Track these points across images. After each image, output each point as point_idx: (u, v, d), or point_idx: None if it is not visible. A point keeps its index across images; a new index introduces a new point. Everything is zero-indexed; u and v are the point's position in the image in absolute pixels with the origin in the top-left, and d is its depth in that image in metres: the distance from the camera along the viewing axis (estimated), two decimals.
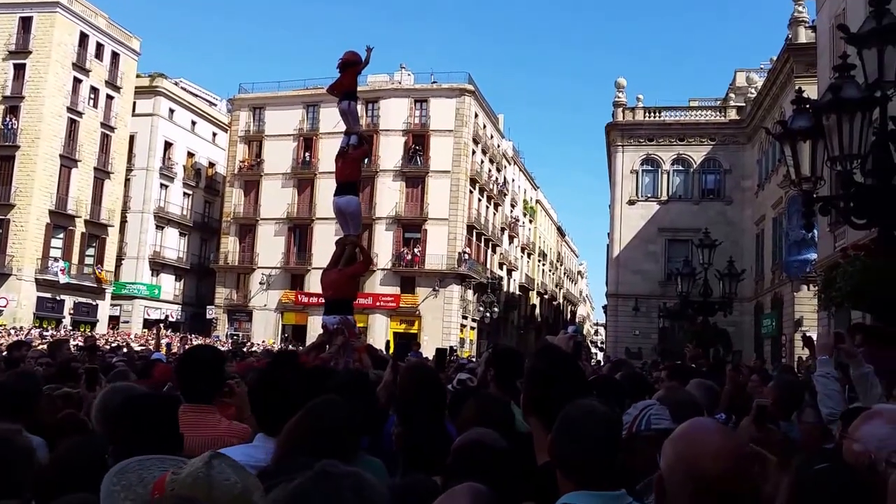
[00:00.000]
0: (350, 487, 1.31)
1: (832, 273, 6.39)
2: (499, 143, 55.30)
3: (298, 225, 47.80)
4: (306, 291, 46.47)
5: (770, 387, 4.59)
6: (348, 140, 10.98)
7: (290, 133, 48.85)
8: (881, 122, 6.74)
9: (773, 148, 28.99)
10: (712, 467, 1.53)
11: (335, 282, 9.97)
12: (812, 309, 24.24)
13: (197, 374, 3.33)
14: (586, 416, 2.07)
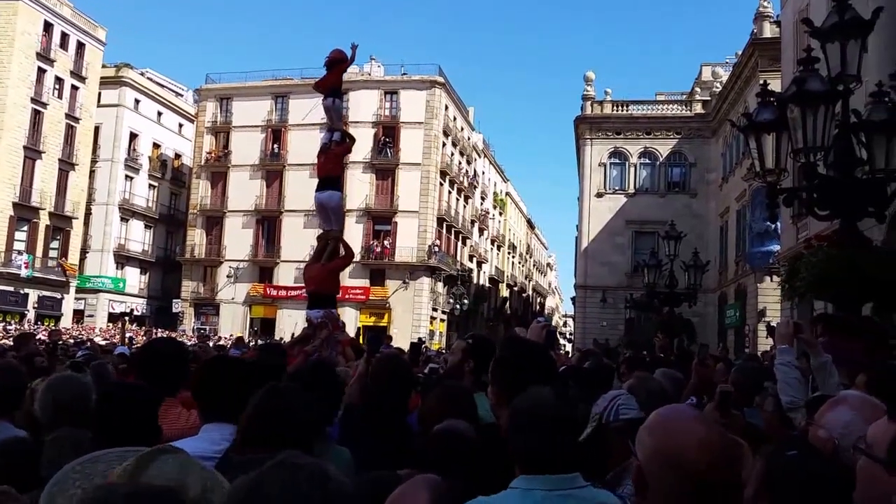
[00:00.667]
0: (309, 479, 1.27)
1: (796, 263, 6.48)
2: (469, 136, 55.29)
3: (267, 217, 47.37)
4: (275, 284, 46.13)
5: (731, 373, 4.65)
6: (331, 136, 11.15)
7: (258, 124, 48.34)
8: (843, 115, 6.83)
9: (736, 142, 29.37)
10: (697, 457, 1.50)
11: (318, 276, 10.09)
12: (775, 299, 24.63)
13: (158, 366, 3.28)
14: (533, 406, 2.09)
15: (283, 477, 1.27)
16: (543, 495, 1.95)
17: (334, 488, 1.28)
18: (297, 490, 1.24)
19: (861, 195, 6.64)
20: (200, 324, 46.51)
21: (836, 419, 2.11)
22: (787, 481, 1.75)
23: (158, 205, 52.13)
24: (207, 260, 48.09)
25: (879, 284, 6.03)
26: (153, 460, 1.45)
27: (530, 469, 2.05)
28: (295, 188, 46.44)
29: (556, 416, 2.09)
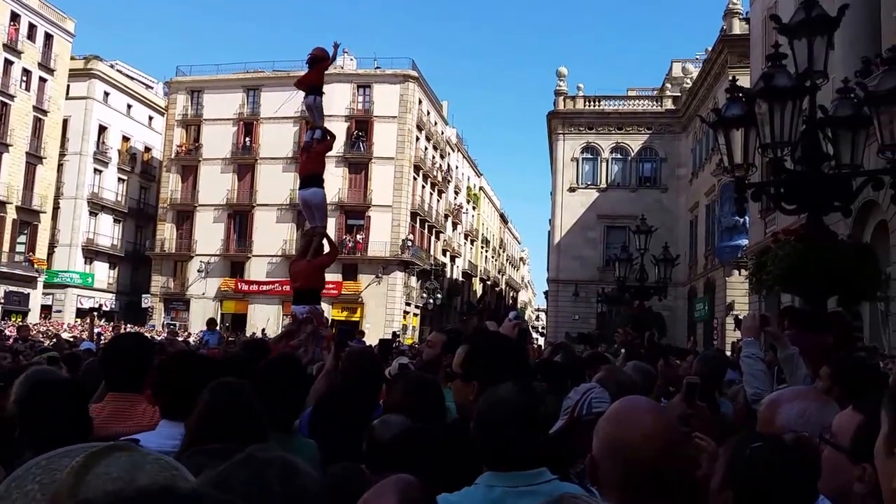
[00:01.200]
0: (276, 473, 1.25)
1: (763, 257, 6.55)
2: (443, 130, 55.22)
3: (238, 211, 46.92)
4: (246, 279, 45.74)
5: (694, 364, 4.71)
6: (312, 134, 11.34)
7: (229, 117, 47.83)
8: (811, 110, 6.92)
9: (706, 137, 29.68)
10: (642, 449, 1.53)
11: (304, 272, 10.27)
12: (743, 293, 24.97)
13: (121, 362, 3.23)
14: (496, 402, 2.10)
15: (250, 471, 1.24)
16: (504, 492, 1.94)
17: (303, 482, 1.26)
18: (264, 485, 1.22)
19: (827, 190, 6.73)
20: (170, 319, 45.99)
21: (790, 412, 2.15)
22: (751, 473, 1.77)
23: (128, 199, 51.38)
24: (178, 254, 47.53)
25: (845, 278, 6.13)
26: (103, 457, 1.41)
27: (495, 465, 2.05)
28: (267, 182, 46.07)
29: (519, 411, 2.09)
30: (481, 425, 2.12)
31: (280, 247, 45.33)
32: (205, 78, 49.39)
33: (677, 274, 28.42)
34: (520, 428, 2.05)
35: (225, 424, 2.33)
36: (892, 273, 11.95)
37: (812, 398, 2.28)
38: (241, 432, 2.24)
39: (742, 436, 1.98)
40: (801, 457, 1.82)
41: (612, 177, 39.60)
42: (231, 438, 2.18)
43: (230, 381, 2.64)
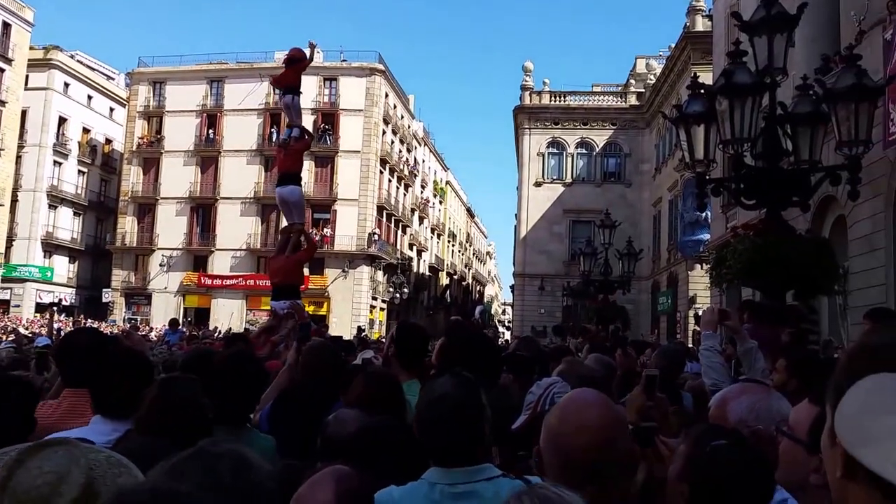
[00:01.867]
0: (228, 466, 1.23)
1: (723, 252, 6.64)
2: (409, 124, 55.05)
3: (201, 204, 46.28)
4: (209, 273, 45.17)
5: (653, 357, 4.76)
6: (290, 132, 11.49)
7: (192, 109, 47.11)
8: (770, 107, 7.02)
9: (669, 133, 30.01)
10: (577, 440, 1.59)
11: (283, 268, 10.50)
12: (705, 287, 25.31)
13: (76, 358, 3.18)
14: (435, 399, 2.10)
15: (202, 465, 1.23)
16: (442, 490, 1.94)
17: (255, 476, 1.25)
18: (216, 478, 1.21)
19: (786, 185, 6.84)
20: (132, 314, 45.25)
21: (739, 407, 2.19)
22: (710, 471, 1.79)
23: (88, 191, 50.38)
24: (139, 248, 46.77)
25: (802, 272, 6.24)
26: (38, 453, 1.37)
27: (438, 462, 2.04)
28: (231, 175, 45.51)
29: (457, 407, 2.07)
30: (421, 421, 2.12)
31: (244, 241, 44.85)
32: (167, 69, 48.58)
33: (641, 268, 28.74)
34: (459, 423, 2.05)
35: (171, 419, 2.33)
36: (851, 267, 12.20)
37: (757, 391, 2.32)
38: (188, 427, 2.24)
39: (703, 430, 2.00)
40: (759, 455, 1.83)
41: (577, 171, 39.86)
42: (177, 433, 2.17)
43: (178, 376, 2.63)
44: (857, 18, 11.98)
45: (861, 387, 0.73)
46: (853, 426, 0.68)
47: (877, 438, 0.64)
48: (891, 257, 11.12)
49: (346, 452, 2.38)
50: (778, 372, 3.54)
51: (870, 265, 11.70)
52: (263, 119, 46.29)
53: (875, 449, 0.64)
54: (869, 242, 11.82)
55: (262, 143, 45.83)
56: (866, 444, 0.65)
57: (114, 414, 2.70)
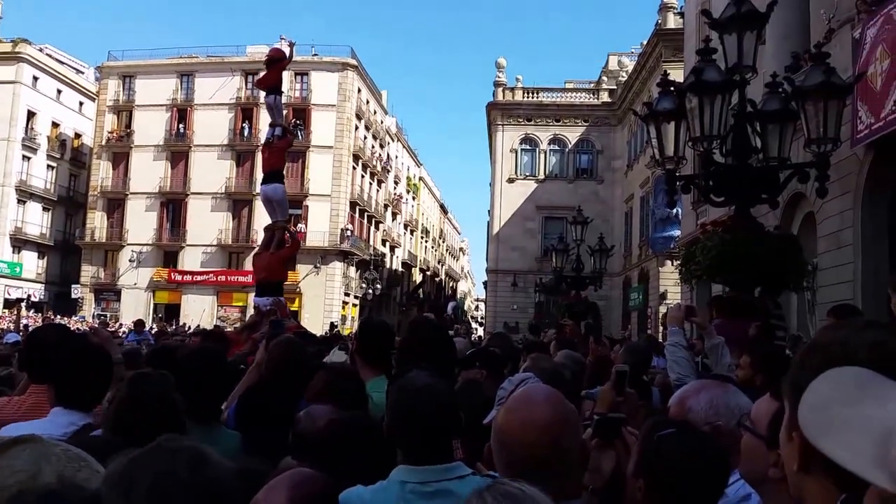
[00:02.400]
0: (186, 462, 1.22)
1: (692, 248, 6.68)
2: (382, 119, 54.85)
3: (172, 200, 45.75)
4: (180, 269, 44.66)
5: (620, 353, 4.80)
6: (273, 132, 11.85)
7: (162, 103, 46.52)
8: (740, 104, 7.07)
9: (641, 130, 30.21)
10: (519, 437, 1.61)
11: (268, 265, 10.75)
12: (676, 283, 25.56)
13: (41, 354, 3.16)
14: (413, 395, 2.08)
15: (159, 460, 1.23)
16: (413, 488, 1.92)
17: (214, 473, 1.24)
18: (172, 473, 1.20)
19: (755, 182, 6.90)
20: (101, 310, 44.63)
21: (698, 404, 2.21)
22: (659, 461, 1.80)
23: (57, 186, 49.50)
24: (109, 244, 46.12)
25: (770, 268, 6.30)
26: (5, 451, 1.36)
27: (408, 459, 2.02)
28: (201, 170, 45.00)
29: (437, 403, 2.06)
30: (396, 417, 2.09)
31: (215, 236, 44.39)
32: (137, 63, 47.93)
33: (612, 264, 28.95)
34: (438, 419, 2.03)
35: (142, 416, 2.32)
36: (819, 264, 12.37)
37: (714, 387, 2.34)
38: (159, 424, 2.21)
39: (652, 422, 2.01)
40: (708, 442, 1.84)
41: (550, 168, 40.03)
42: (149, 430, 2.14)
43: (149, 372, 2.59)
44: (826, 17, 12.13)
45: (822, 380, 0.77)
46: (814, 418, 0.71)
47: (836, 429, 0.68)
48: (858, 254, 11.29)
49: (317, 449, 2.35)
50: (742, 368, 3.58)
51: (837, 262, 11.87)
52: (235, 114, 45.83)
53: (834, 438, 0.68)
54: (837, 239, 11.99)
55: (233, 138, 45.39)
56: (827, 435, 0.69)
57: (73, 406, 2.73)
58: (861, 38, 10.60)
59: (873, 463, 0.64)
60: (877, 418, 0.66)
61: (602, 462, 2.01)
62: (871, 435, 0.65)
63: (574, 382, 3.78)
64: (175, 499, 1.16)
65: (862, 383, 0.71)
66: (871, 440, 0.65)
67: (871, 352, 1.06)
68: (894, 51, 9.74)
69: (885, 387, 0.70)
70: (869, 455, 0.65)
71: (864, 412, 0.68)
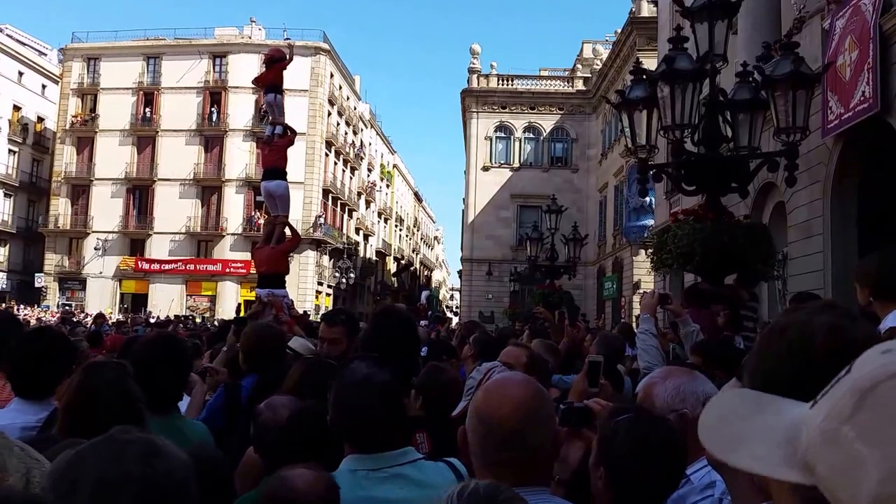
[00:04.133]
0: (137, 454, 1.21)
1: (663, 237, 6.76)
2: (355, 106, 54.53)
3: (138, 186, 45.18)
4: (147, 258, 44.14)
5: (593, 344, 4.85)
6: (273, 129, 12.38)
7: (128, 87, 45.84)
8: (711, 93, 7.15)
9: (615, 119, 30.40)
10: (497, 411, 1.66)
11: (269, 258, 11.33)
12: (648, 272, 25.83)
13: None
14: (358, 385, 2.10)
15: (107, 451, 1.21)
16: (365, 475, 1.94)
17: (162, 465, 1.22)
18: (119, 465, 1.18)
19: (725, 171, 6.99)
20: (66, 299, 44.01)
21: (664, 392, 2.25)
22: (617, 447, 1.84)
23: (19, 172, 48.58)
24: (73, 231, 45.45)
25: (740, 257, 6.39)
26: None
27: (357, 448, 2.04)
28: (169, 155, 44.44)
29: (379, 391, 2.08)
30: (341, 407, 2.10)
31: (183, 224, 43.92)
32: (102, 45, 47.14)
33: (587, 253, 29.17)
34: (384, 407, 2.05)
35: (97, 406, 2.29)
36: (789, 253, 12.57)
37: (681, 374, 2.39)
38: (115, 415, 2.19)
39: (611, 409, 2.05)
40: (664, 427, 1.88)
41: (524, 156, 40.12)
42: (103, 422, 2.13)
43: (104, 361, 2.57)
44: (797, 7, 12.28)
45: (717, 400, 0.80)
46: (716, 436, 0.74)
47: (740, 442, 0.71)
48: (828, 244, 11.48)
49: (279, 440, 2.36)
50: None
51: (807, 251, 12.07)
52: (203, 98, 45.29)
53: (740, 452, 0.71)
54: (807, 228, 12.19)
55: (201, 123, 44.89)
56: (732, 450, 0.71)
57: (34, 397, 2.73)
58: (830, 28, 10.76)
59: (783, 463, 0.67)
60: (776, 425, 0.70)
61: (570, 453, 2.05)
62: (774, 440, 0.69)
63: (543, 370, 3.83)
64: (123, 494, 1.13)
65: (756, 401, 0.76)
66: (775, 444, 0.68)
67: (828, 335, 1.10)
68: (862, 41, 9.91)
69: (779, 402, 0.74)
70: (776, 457, 0.68)
71: (764, 423, 0.71)
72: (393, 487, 1.96)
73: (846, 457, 0.62)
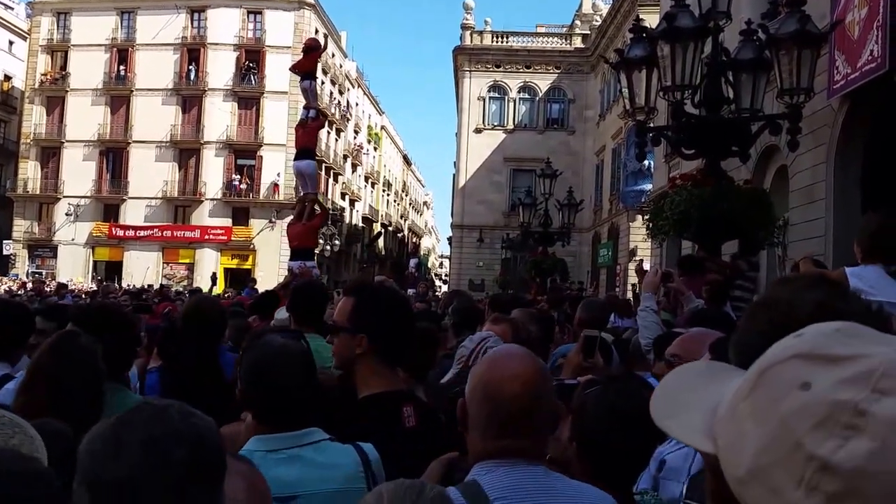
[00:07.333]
0: (177, 413, 1.25)
1: (660, 202, 6.80)
2: (341, 64, 54.01)
3: (112, 148, 44.76)
4: (122, 224, 43.88)
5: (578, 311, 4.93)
6: (307, 113, 13.86)
7: (101, 43, 45.17)
8: (713, 52, 7.14)
9: (614, 78, 30.23)
10: (508, 387, 1.68)
11: (300, 233, 12.79)
12: (644, 238, 25.93)
13: None
14: (261, 358, 2.11)
15: (148, 416, 1.24)
16: (262, 456, 1.93)
17: (202, 423, 1.25)
18: (164, 423, 1.22)
19: (726, 134, 7.01)
20: (36, 267, 43.77)
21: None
22: (587, 417, 1.89)
23: None
24: (43, 196, 45.09)
25: (738, 223, 6.45)
26: None
27: (263, 423, 2.06)
28: (144, 116, 43.98)
29: (282, 367, 2.09)
30: (245, 381, 2.10)
31: (160, 188, 43.62)
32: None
33: (582, 219, 29.23)
34: (284, 383, 2.05)
35: (66, 372, 2.33)
36: (790, 218, 12.64)
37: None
38: (82, 382, 2.28)
39: (586, 380, 2.10)
40: (633, 395, 1.91)
41: (519, 117, 39.93)
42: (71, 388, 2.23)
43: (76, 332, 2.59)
44: None
45: (672, 374, 0.85)
46: (661, 404, 0.78)
47: (678, 411, 0.76)
48: (830, 209, 11.54)
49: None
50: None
51: (809, 217, 12.14)
52: (180, 55, 44.72)
53: (675, 419, 0.75)
54: (809, 193, 12.25)
55: (178, 82, 44.38)
56: (669, 417, 0.76)
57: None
58: None
59: (703, 434, 0.71)
60: (713, 396, 0.74)
61: (562, 430, 2.10)
62: (704, 410, 0.73)
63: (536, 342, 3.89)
64: (170, 447, 1.18)
65: (711, 373, 0.81)
66: (703, 415, 0.73)
67: (815, 311, 1.12)
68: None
69: (732, 373, 0.79)
70: (699, 427, 0.72)
71: (705, 393, 0.76)
72: (289, 469, 1.96)
73: (737, 432, 0.67)
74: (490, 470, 1.66)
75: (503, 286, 27.23)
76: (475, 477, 1.65)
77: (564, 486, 1.70)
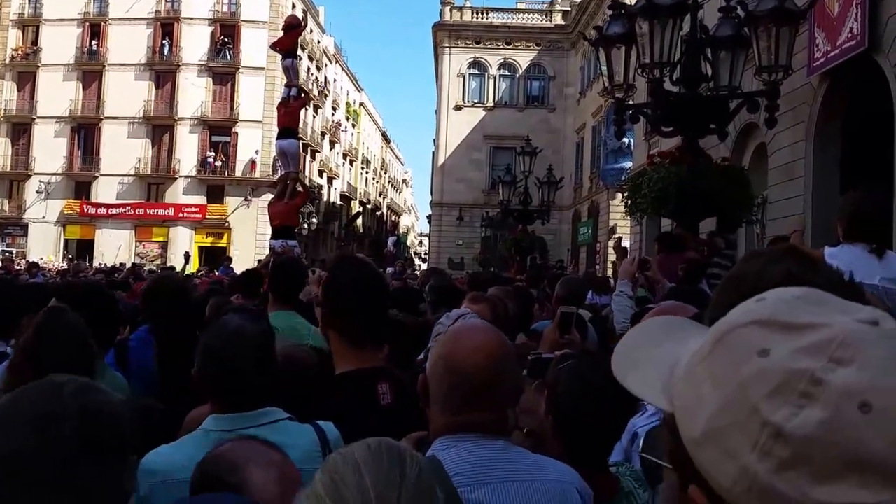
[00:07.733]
0: (73, 390, 1.28)
1: (638, 180, 6.84)
2: (319, 39, 53.47)
3: (84, 125, 44.15)
4: (93, 201, 43.38)
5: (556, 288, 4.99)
6: (289, 92, 14.18)
7: (73, 17, 44.41)
8: (692, 29, 7.16)
9: (595, 56, 30.21)
10: (469, 360, 1.69)
11: (282, 212, 12.86)
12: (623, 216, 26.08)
13: None
14: (217, 337, 2.10)
15: (42, 389, 1.29)
16: (218, 436, 1.91)
17: (99, 398, 1.29)
18: (56, 400, 1.25)
19: (704, 112, 7.06)
20: (6, 246, 43.24)
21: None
22: (560, 392, 1.92)
23: None
24: (13, 173, 44.46)
25: (716, 201, 6.51)
26: None
27: (219, 405, 2.06)
28: (117, 92, 43.38)
29: (254, 345, 2.08)
30: (200, 361, 2.09)
31: (132, 165, 43.14)
32: None
33: (562, 197, 29.34)
34: (240, 363, 2.04)
35: (56, 348, 2.35)
36: (769, 196, 12.77)
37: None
38: (70, 357, 2.27)
39: (560, 355, 2.13)
40: (604, 370, 1.95)
41: (499, 95, 39.86)
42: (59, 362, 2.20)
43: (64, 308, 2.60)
44: None
45: (634, 329, 0.87)
46: (620, 360, 0.79)
47: (636, 366, 0.76)
48: (809, 186, 11.67)
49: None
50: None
51: (787, 194, 12.27)
52: (154, 30, 44.08)
53: (633, 375, 0.76)
54: (788, 171, 12.37)
55: (151, 57, 43.77)
56: (628, 373, 0.77)
57: None
58: None
59: (662, 390, 0.73)
60: (671, 354, 0.75)
61: (539, 403, 2.13)
62: (662, 367, 0.74)
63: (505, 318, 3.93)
64: (59, 423, 1.19)
65: (669, 329, 0.81)
66: (661, 372, 0.74)
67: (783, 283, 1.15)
68: None
69: (691, 329, 0.80)
70: (657, 385, 0.74)
71: (663, 350, 0.77)
72: None
73: (694, 394, 0.68)
74: (450, 445, 1.66)
75: (483, 264, 27.30)
76: (435, 452, 1.65)
77: (525, 461, 1.71)
